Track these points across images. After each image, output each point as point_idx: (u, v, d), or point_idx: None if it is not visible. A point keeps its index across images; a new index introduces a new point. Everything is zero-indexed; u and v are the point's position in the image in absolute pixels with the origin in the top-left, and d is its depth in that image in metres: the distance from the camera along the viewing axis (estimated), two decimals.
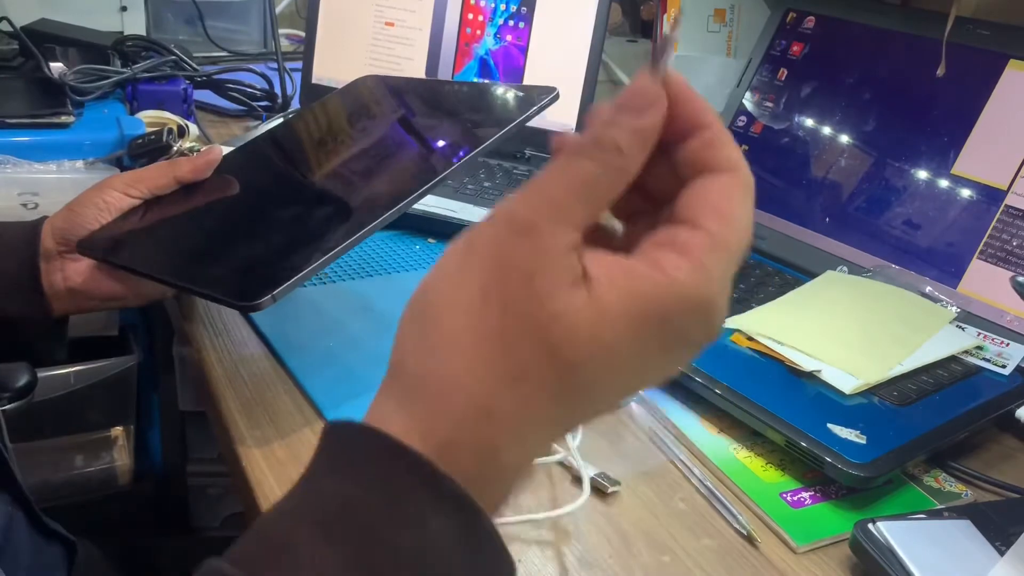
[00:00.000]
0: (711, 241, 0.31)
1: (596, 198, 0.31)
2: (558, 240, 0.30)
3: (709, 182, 0.33)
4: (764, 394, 0.65)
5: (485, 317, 0.30)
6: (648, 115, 0.32)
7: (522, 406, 0.30)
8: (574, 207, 0.31)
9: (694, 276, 0.30)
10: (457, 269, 0.31)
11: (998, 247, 0.79)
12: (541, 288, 0.30)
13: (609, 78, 1.18)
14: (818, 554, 0.55)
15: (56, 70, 1.09)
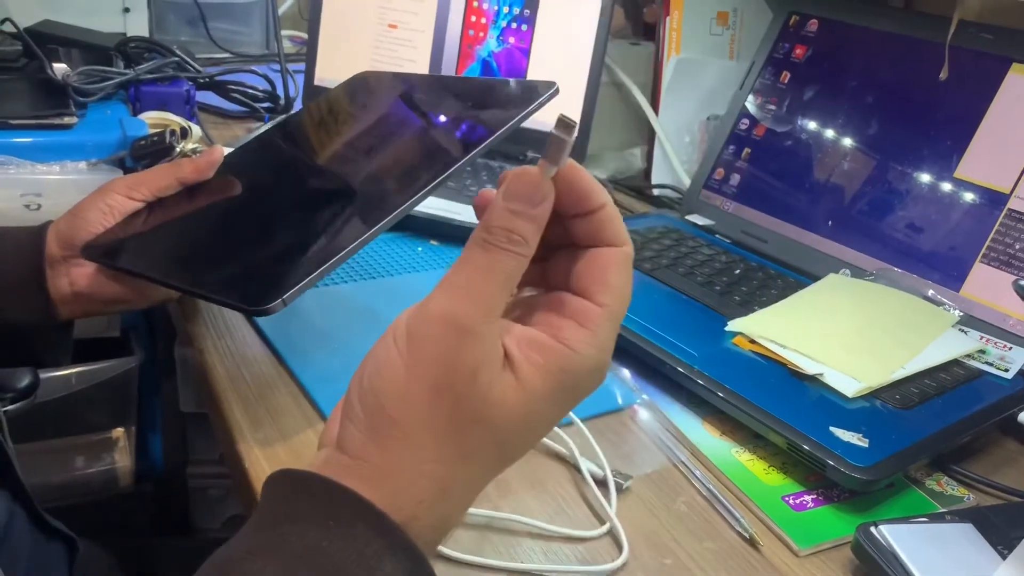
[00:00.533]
0: (604, 312, 0.37)
1: (511, 286, 0.36)
2: (491, 339, 0.35)
3: (602, 256, 0.38)
4: (766, 397, 0.65)
5: (439, 411, 0.35)
6: (543, 206, 0.37)
7: (470, 479, 0.37)
8: (500, 300, 0.36)
9: (593, 346, 0.37)
10: (406, 366, 0.36)
11: (1001, 251, 0.79)
12: (484, 383, 0.35)
13: (611, 80, 1.18)
14: (820, 557, 0.55)
15: (59, 71, 1.09)
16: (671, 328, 0.73)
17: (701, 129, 1.17)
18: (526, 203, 0.36)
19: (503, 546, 0.54)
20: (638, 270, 0.85)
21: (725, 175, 1.01)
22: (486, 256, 0.36)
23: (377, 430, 0.36)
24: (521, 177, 0.37)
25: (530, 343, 0.36)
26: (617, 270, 0.38)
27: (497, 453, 0.37)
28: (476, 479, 0.37)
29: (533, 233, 0.36)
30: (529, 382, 0.36)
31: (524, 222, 0.36)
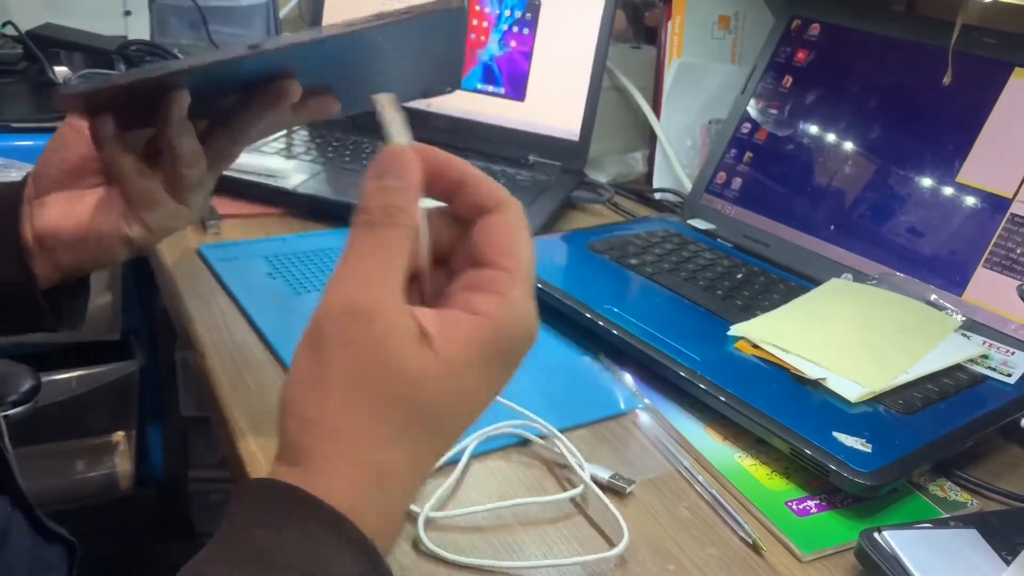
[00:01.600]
0: (508, 276, 0.38)
1: (403, 259, 0.37)
2: (396, 314, 0.36)
3: (488, 224, 0.39)
4: (769, 402, 0.65)
5: (359, 402, 0.35)
6: (410, 173, 0.38)
7: (409, 457, 0.36)
8: (394, 276, 0.36)
9: (506, 308, 0.37)
10: (318, 367, 0.36)
11: (1003, 255, 0.78)
12: (395, 363, 0.35)
13: (613, 84, 1.18)
14: (823, 563, 0.55)
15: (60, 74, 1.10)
16: (673, 333, 0.73)
17: (703, 133, 1.17)
18: (394, 175, 0.37)
19: (502, 546, 0.53)
20: (641, 275, 0.85)
21: (727, 179, 1.01)
22: (370, 236, 0.36)
23: (304, 435, 0.36)
24: (385, 155, 0.38)
25: (445, 321, 0.37)
26: (506, 231, 0.39)
27: (429, 430, 0.37)
28: (415, 460, 0.37)
29: (409, 202, 0.37)
30: (450, 356, 0.36)
31: (397, 194, 0.37)
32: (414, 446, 0.37)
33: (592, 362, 0.75)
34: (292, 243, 0.93)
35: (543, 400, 0.68)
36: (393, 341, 0.35)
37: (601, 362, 0.74)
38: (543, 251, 0.90)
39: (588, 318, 0.75)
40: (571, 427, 0.66)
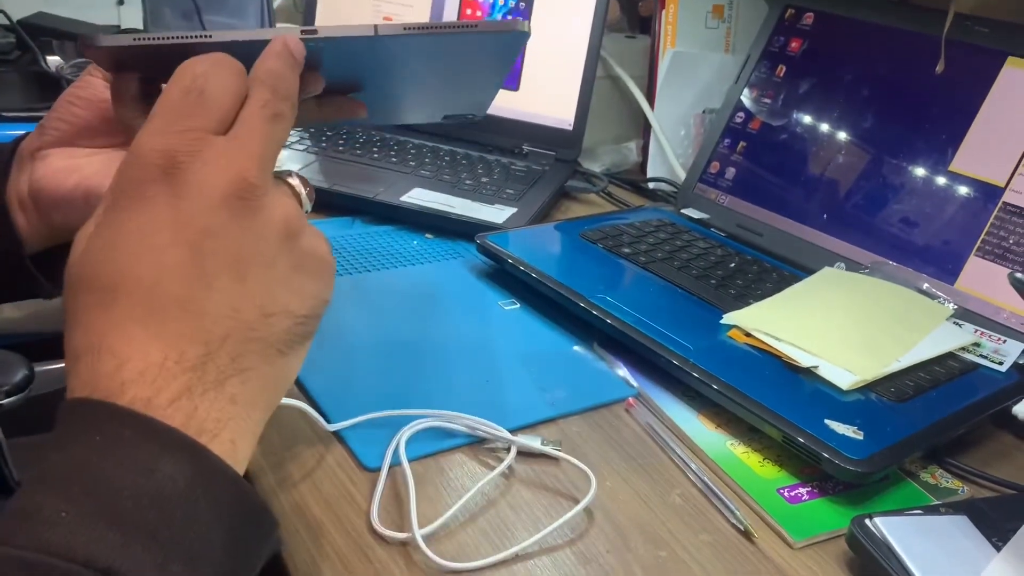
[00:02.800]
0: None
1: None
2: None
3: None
4: (761, 390, 0.65)
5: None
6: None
7: (116, 322, 0.36)
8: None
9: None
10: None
11: (995, 244, 0.79)
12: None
13: (607, 74, 1.18)
14: (815, 549, 0.55)
15: (53, 63, 1.09)
16: (666, 321, 0.73)
17: (697, 123, 1.17)
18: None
19: (494, 532, 0.54)
20: (634, 264, 0.85)
21: (720, 169, 1.01)
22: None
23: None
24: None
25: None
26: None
27: (92, 292, 0.36)
28: (90, 329, 0.36)
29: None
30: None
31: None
32: (98, 311, 0.36)
33: (585, 351, 0.75)
34: None
35: (536, 388, 0.68)
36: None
37: (594, 351, 0.75)
38: (536, 240, 0.90)
39: (581, 307, 0.75)
40: (564, 415, 0.66)
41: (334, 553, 0.51)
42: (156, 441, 0.33)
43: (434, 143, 1.13)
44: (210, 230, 0.36)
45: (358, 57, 0.52)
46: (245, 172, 0.37)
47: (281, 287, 0.39)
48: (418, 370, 0.69)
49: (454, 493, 0.57)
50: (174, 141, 0.37)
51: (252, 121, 0.39)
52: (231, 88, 0.39)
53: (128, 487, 0.32)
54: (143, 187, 0.36)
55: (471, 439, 0.62)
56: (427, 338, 0.74)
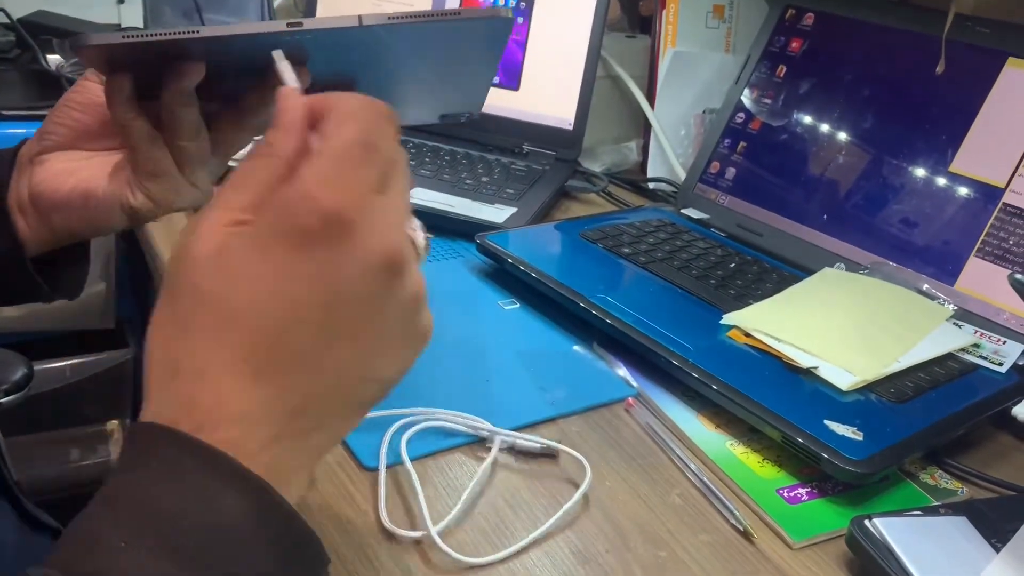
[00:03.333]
0: (319, 140, 0.37)
1: (254, 181, 0.36)
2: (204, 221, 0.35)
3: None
4: (761, 390, 0.65)
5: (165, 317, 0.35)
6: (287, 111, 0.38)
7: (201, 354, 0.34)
8: (227, 195, 0.36)
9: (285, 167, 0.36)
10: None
11: (995, 245, 0.79)
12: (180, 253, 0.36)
13: (607, 73, 1.18)
14: (814, 550, 0.55)
15: (53, 62, 1.09)
16: (666, 321, 0.73)
17: (697, 123, 1.17)
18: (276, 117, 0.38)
19: (495, 532, 0.54)
20: (634, 264, 0.85)
21: (720, 169, 1.01)
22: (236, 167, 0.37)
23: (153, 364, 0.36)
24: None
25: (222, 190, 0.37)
26: (341, 101, 0.38)
27: (216, 319, 0.34)
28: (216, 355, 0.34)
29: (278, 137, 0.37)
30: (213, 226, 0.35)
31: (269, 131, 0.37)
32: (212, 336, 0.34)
33: (585, 351, 0.75)
34: None
35: (536, 387, 0.68)
36: (188, 237, 0.35)
37: (594, 351, 0.75)
38: (536, 240, 0.90)
39: (582, 307, 0.75)
40: (564, 414, 0.66)
41: (337, 557, 0.51)
42: (223, 476, 0.32)
43: (434, 142, 1.13)
44: (351, 297, 0.35)
45: (347, 51, 0.52)
46: (400, 244, 0.36)
47: (388, 357, 0.38)
48: (418, 370, 0.69)
49: (455, 493, 0.57)
50: (345, 198, 0.35)
51: (402, 181, 0.38)
52: (394, 143, 0.38)
53: (190, 520, 0.32)
54: (304, 234, 0.34)
55: (471, 438, 0.62)
56: None
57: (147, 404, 0.35)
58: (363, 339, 0.36)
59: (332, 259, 0.34)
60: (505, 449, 0.61)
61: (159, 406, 0.34)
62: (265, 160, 0.35)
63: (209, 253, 0.34)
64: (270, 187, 0.35)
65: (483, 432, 0.62)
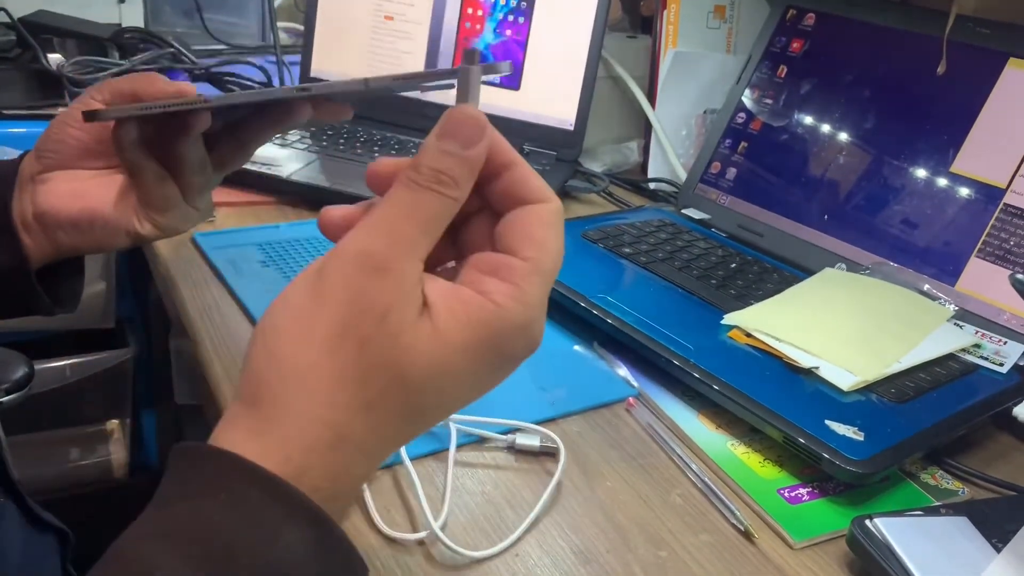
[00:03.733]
0: (529, 267, 0.35)
1: (438, 230, 0.34)
2: (410, 277, 0.33)
3: (524, 213, 0.36)
4: (762, 390, 0.65)
5: (341, 353, 0.33)
6: (478, 146, 0.35)
7: (372, 430, 0.33)
8: (421, 241, 0.34)
9: (517, 300, 0.34)
10: (311, 303, 0.33)
11: (996, 245, 0.79)
12: (394, 324, 0.33)
13: (608, 74, 1.18)
14: (815, 550, 0.55)
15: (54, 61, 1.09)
16: (667, 321, 0.73)
17: (698, 123, 1.17)
18: (460, 143, 0.34)
19: (493, 528, 0.54)
20: (635, 264, 0.85)
21: (721, 169, 1.01)
22: (410, 195, 0.34)
23: (270, 368, 0.33)
24: (456, 115, 0.35)
25: (452, 294, 0.34)
26: (541, 224, 0.36)
27: (406, 405, 0.34)
28: (382, 432, 0.34)
29: (466, 177, 0.35)
30: (447, 331, 0.33)
31: (456, 163, 0.34)
32: (384, 419, 0.34)
33: (586, 350, 0.75)
34: (286, 231, 0.92)
35: (537, 387, 0.68)
36: (395, 305, 0.33)
37: (595, 351, 0.75)
38: None
39: (582, 307, 0.75)
40: (565, 414, 0.66)
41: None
42: (283, 505, 0.31)
43: None
44: (503, 376, 0.37)
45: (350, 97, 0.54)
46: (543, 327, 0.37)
47: (465, 401, 0.37)
48: None
49: (456, 492, 0.57)
50: (541, 320, 0.36)
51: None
52: None
53: (248, 552, 0.31)
54: (512, 358, 0.36)
55: (471, 438, 0.62)
56: None
57: (222, 429, 0.34)
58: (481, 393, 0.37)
59: (512, 365, 0.36)
60: (505, 448, 0.61)
61: (234, 440, 0.33)
62: (441, 199, 0.34)
63: (422, 355, 0.33)
64: (440, 224, 0.34)
65: (484, 432, 0.62)
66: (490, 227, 0.37)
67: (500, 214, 0.37)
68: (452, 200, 0.34)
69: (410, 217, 0.34)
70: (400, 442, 0.36)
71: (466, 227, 0.38)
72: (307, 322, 0.33)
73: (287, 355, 0.33)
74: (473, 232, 0.38)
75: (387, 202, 0.34)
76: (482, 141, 0.35)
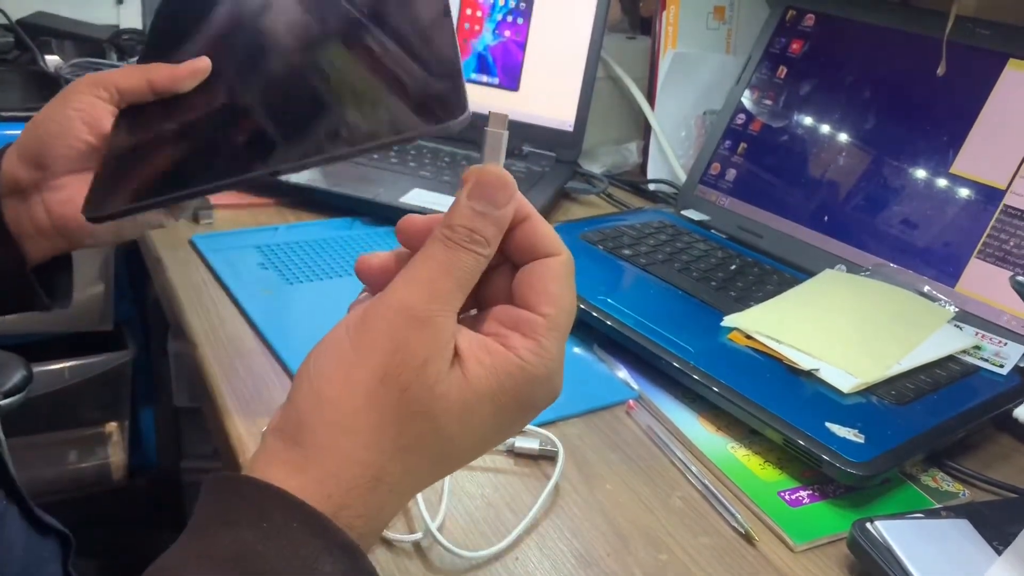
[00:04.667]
0: (547, 323, 0.37)
1: (470, 285, 0.37)
2: (446, 329, 0.36)
3: (540, 268, 0.38)
4: (762, 392, 0.65)
5: (382, 397, 0.35)
6: (508, 207, 0.37)
7: (406, 472, 0.36)
8: (457, 296, 0.36)
9: (538, 355, 0.37)
10: (354, 351, 0.35)
11: (996, 247, 0.79)
12: (432, 373, 0.35)
13: (607, 75, 1.18)
14: (816, 553, 0.55)
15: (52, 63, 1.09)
16: (667, 323, 0.73)
17: (697, 124, 1.16)
18: (491, 204, 0.37)
19: (492, 531, 0.54)
20: (635, 266, 0.85)
21: (721, 170, 1.01)
22: (447, 253, 0.36)
23: (315, 411, 0.35)
24: (487, 176, 0.37)
25: (480, 344, 0.37)
26: (556, 279, 0.38)
27: (438, 450, 0.36)
28: (414, 474, 0.36)
29: (495, 235, 0.37)
30: (476, 381, 0.36)
31: (487, 223, 0.37)
32: (418, 462, 0.36)
33: (586, 353, 0.75)
34: (284, 233, 0.92)
35: None
36: (434, 356, 0.35)
37: (595, 353, 0.74)
38: None
39: (582, 309, 0.75)
40: (565, 417, 0.66)
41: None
42: (321, 539, 0.33)
43: (434, 144, 1.13)
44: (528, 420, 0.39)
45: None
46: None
47: (490, 445, 0.40)
48: None
49: (454, 495, 0.57)
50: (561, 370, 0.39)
51: None
52: None
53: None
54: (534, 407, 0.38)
55: None
56: None
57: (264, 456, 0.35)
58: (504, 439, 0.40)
59: (534, 413, 0.39)
60: (505, 451, 0.61)
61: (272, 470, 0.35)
62: (474, 257, 0.37)
63: (454, 403, 0.35)
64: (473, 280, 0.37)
65: None
66: (507, 276, 0.39)
67: (516, 264, 0.39)
68: (484, 258, 0.37)
69: (448, 274, 0.36)
70: (429, 482, 0.38)
71: (485, 277, 0.40)
72: (352, 369, 0.35)
73: (332, 399, 0.35)
74: (492, 282, 0.40)
75: (425, 259, 0.36)
76: (511, 202, 0.37)
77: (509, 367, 0.36)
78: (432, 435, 0.36)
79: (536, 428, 0.63)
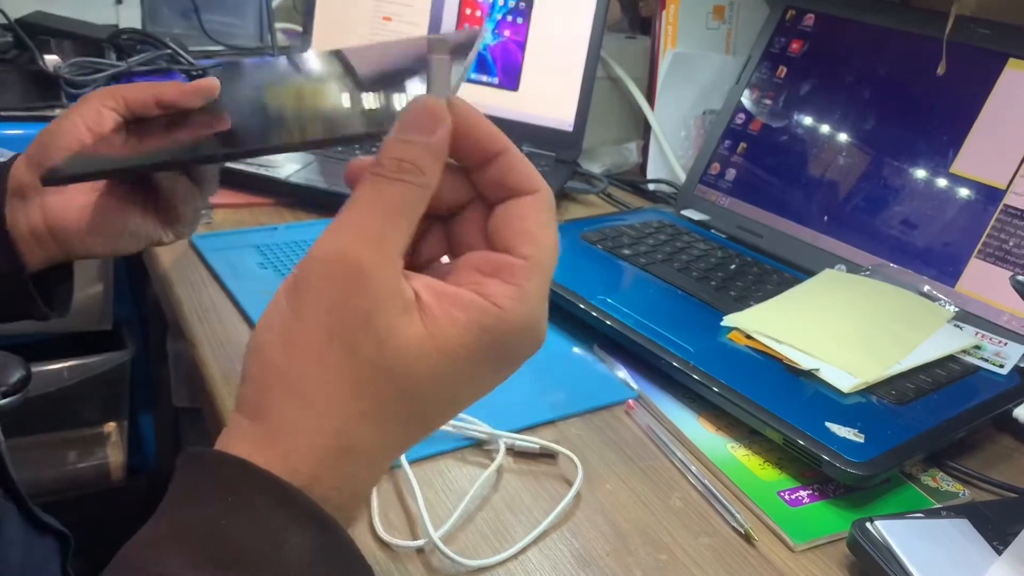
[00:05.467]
0: (529, 265, 0.34)
1: (409, 221, 0.33)
2: (387, 274, 0.32)
3: (517, 207, 0.35)
4: (762, 392, 0.65)
5: (331, 361, 0.32)
6: (438, 132, 0.34)
7: (376, 436, 0.33)
8: (392, 235, 0.33)
9: (520, 301, 0.34)
10: (294, 314, 0.33)
11: (996, 246, 0.79)
12: (379, 327, 0.32)
13: (607, 75, 1.18)
14: (816, 553, 0.55)
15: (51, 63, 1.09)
16: (666, 323, 0.73)
17: (697, 124, 1.16)
18: (418, 131, 0.34)
19: (495, 536, 0.53)
20: (634, 265, 0.85)
21: (721, 170, 1.01)
22: (373, 189, 0.33)
23: (269, 387, 0.33)
24: (414, 106, 0.34)
25: (451, 299, 0.33)
26: (536, 217, 0.35)
27: (406, 409, 0.33)
28: (382, 438, 0.34)
29: (430, 162, 0.34)
30: (445, 339, 0.33)
31: (417, 150, 0.33)
32: (386, 425, 0.33)
33: (585, 353, 0.75)
34: (283, 233, 0.92)
35: (536, 390, 0.68)
36: (377, 306, 0.32)
37: (594, 353, 0.74)
38: None
39: (582, 309, 0.75)
40: (564, 417, 0.66)
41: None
42: (289, 510, 0.31)
43: None
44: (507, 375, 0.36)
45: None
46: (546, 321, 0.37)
47: (469, 403, 0.37)
48: None
49: (455, 496, 0.56)
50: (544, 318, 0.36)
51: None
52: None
53: (255, 555, 0.30)
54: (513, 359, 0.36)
55: (469, 441, 0.62)
56: None
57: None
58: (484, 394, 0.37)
59: (516, 365, 0.36)
60: (505, 452, 0.61)
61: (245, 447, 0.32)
62: (406, 188, 0.33)
63: (415, 359, 0.33)
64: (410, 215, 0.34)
65: (482, 435, 0.61)
66: (482, 218, 0.36)
67: (491, 204, 0.36)
68: (419, 187, 0.34)
69: (375, 211, 0.33)
70: (404, 447, 0.35)
71: (457, 220, 0.37)
72: (291, 334, 0.33)
73: (280, 370, 0.33)
74: (464, 224, 0.37)
75: (352, 201, 0.33)
76: (441, 127, 0.34)
77: (485, 320, 0.33)
78: (395, 394, 0.33)
79: (535, 428, 0.63)
